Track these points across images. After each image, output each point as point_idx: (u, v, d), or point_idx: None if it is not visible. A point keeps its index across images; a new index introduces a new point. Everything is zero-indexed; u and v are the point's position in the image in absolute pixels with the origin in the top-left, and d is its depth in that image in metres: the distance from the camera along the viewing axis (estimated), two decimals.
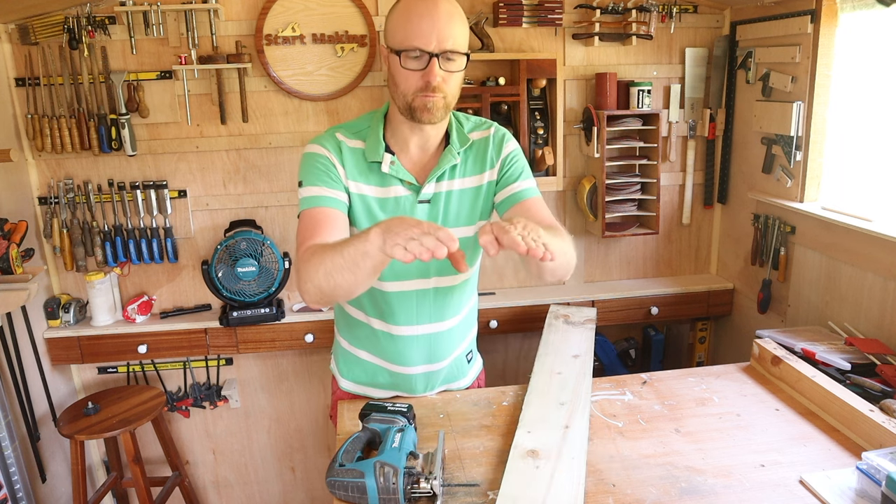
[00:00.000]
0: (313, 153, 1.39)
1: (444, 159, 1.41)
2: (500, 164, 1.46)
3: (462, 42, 1.30)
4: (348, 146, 1.40)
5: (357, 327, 1.54)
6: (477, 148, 1.46)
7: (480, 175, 1.46)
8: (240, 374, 2.69)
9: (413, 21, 1.26)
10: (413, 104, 1.31)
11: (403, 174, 1.39)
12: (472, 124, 1.49)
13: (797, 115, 2.18)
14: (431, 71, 1.27)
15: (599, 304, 2.59)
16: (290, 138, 2.46)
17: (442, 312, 1.50)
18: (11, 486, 2.07)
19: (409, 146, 1.42)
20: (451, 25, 1.27)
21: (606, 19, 2.46)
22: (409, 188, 1.41)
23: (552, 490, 1.16)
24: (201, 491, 2.82)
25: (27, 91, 2.25)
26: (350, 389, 1.60)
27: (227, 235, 2.44)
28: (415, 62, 1.28)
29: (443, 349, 1.54)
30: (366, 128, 1.43)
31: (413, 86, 1.29)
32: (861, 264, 1.97)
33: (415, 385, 1.55)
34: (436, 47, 1.26)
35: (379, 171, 1.39)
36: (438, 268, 1.45)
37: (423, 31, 1.25)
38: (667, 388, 1.60)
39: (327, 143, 1.40)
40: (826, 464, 1.28)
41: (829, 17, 2.08)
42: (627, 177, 2.55)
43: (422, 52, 1.26)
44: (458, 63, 1.30)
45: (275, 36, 2.34)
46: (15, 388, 2.21)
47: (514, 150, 1.48)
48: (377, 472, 1.13)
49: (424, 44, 1.26)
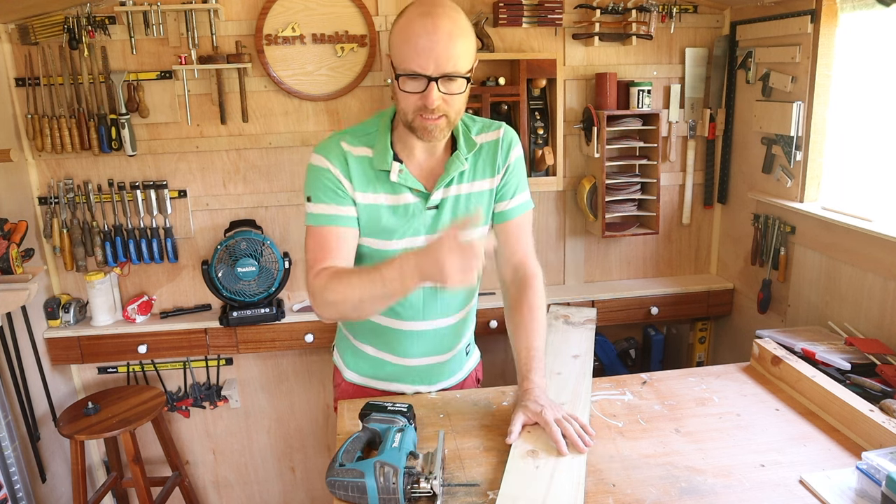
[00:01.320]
0: (319, 167, 1.37)
1: (451, 165, 1.39)
2: (505, 171, 1.47)
3: (464, 63, 1.25)
4: (354, 156, 1.37)
5: (362, 323, 1.56)
6: (486, 151, 1.45)
7: (491, 179, 1.46)
8: (240, 374, 2.69)
9: (412, 42, 1.21)
10: (413, 124, 1.29)
11: (412, 182, 1.38)
12: (480, 126, 1.47)
13: (797, 115, 2.18)
14: (429, 95, 1.23)
15: (599, 304, 2.59)
16: (290, 138, 2.46)
17: (448, 309, 1.52)
18: (11, 486, 2.07)
19: (416, 153, 1.41)
20: (451, 47, 1.21)
21: (606, 19, 2.46)
22: (417, 195, 1.40)
23: (552, 490, 1.16)
24: (201, 491, 2.82)
25: (27, 91, 2.25)
26: (354, 380, 1.62)
27: (227, 235, 2.44)
28: (413, 84, 1.24)
29: (447, 343, 1.57)
30: (373, 132, 1.40)
31: (413, 106, 1.27)
32: (861, 264, 1.97)
33: (417, 376, 1.58)
34: (434, 71, 1.22)
35: (388, 179, 1.38)
36: None
37: (421, 53, 1.21)
38: (667, 388, 1.60)
39: (332, 155, 1.37)
40: (826, 464, 1.28)
41: (829, 17, 2.08)
42: (627, 177, 2.55)
43: (420, 76, 1.23)
44: (459, 84, 1.26)
45: (275, 36, 2.34)
46: (15, 388, 2.21)
47: (518, 158, 1.49)
48: (377, 471, 1.13)
49: (422, 67, 1.22)
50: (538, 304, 1.47)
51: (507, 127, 1.49)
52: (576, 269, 2.75)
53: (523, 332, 1.43)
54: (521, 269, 1.52)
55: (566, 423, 1.31)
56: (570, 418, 1.33)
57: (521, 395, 1.38)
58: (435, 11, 1.23)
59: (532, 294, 1.47)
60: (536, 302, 1.46)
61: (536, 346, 1.41)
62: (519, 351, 1.43)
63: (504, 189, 1.48)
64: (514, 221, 1.50)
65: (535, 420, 1.32)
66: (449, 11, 1.24)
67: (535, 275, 1.51)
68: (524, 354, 1.41)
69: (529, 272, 1.51)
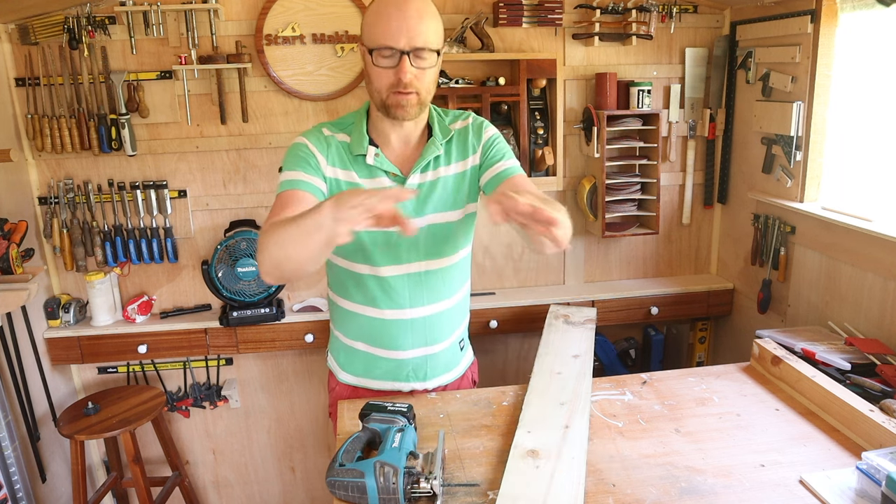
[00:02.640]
0: (296, 143, 1.45)
1: (427, 150, 1.45)
2: (482, 148, 1.50)
3: (434, 39, 1.33)
4: (336, 140, 1.46)
5: (351, 319, 1.57)
6: (458, 137, 1.51)
7: (464, 161, 1.50)
8: (240, 374, 2.69)
9: (384, 20, 1.30)
10: (387, 101, 1.35)
11: (388, 166, 1.44)
12: (452, 116, 1.54)
13: (797, 115, 2.18)
14: (402, 69, 1.31)
15: (599, 304, 2.59)
16: (290, 138, 2.46)
17: (435, 295, 1.53)
18: (11, 486, 2.07)
19: (391, 140, 1.46)
20: (421, 23, 1.30)
21: (606, 19, 2.46)
22: (394, 179, 1.45)
23: (552, 490, 1.16)
24: (201, 491, 2.82)
25: (27, 91, 2.25)
26: (349, 382, 1.62)
27: (227, 235, 2.44)
28: (386, 60, 1.32)
29: (438, 333, 1.57)
30: (350, 123, 1.48)
31: (386, 83, 1.34)
32: (861, 264, 1.97)
33: (411, 372, 1.57)
34: (406, 45, 1.30)
35: (364, 163, 1.44)
36: (427, 250, 1.49)
37: (393, 29, 1.29)
38: (667, 388, 1.60)
39: (311, 136, 1.45)
40: (826, 464, 1.28)
41: (829, 17, 2.08)
42: (627, 177, 2.55)
43: (393, 50, 1.30)
44: (430, 60, 1.34)
45: (275, 36, 2.34)
46: (15, 388, 2.21)
47: (494, 135, 1.52)
48: (377, 471, 1.14)
49: (395, 42, 1.30)
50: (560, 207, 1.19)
51: (475, 114, 1.56)
52: (576, 269, 2.75)
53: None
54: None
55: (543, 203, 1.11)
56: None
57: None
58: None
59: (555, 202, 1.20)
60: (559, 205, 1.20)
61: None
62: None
63: (488, 159, 1.49)
64: (516, 177, 1.44)
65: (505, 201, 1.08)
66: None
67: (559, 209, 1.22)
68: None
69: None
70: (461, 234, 1.54)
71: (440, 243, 1.50)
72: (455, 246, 1.54)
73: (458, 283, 1.59)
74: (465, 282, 1.63)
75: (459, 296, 1.60)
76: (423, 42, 1.31)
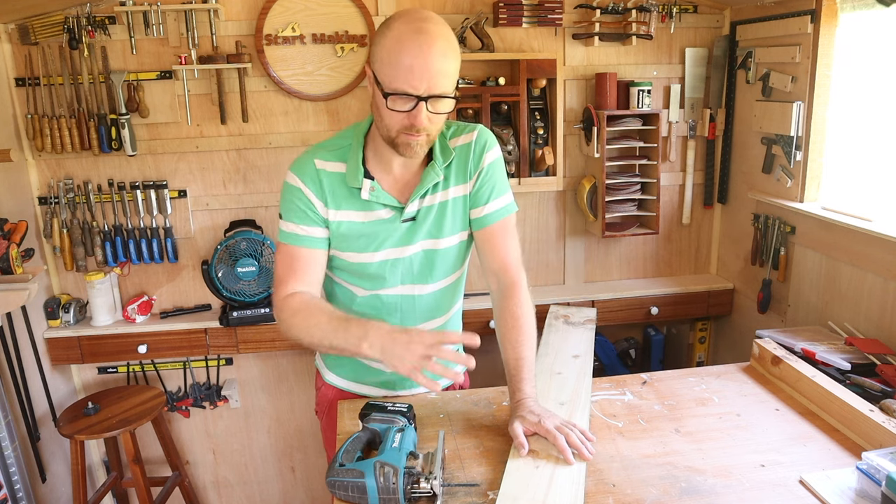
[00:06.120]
0: (292, 186, 1.37)
1: (427, 177, 1.38)
2: (477, 177, 1.43)
3: (452, 83, 1.24)
4: (328, 172, 1.37)
5: None
6: (459, 157, 1.42)
7: (464, 185, 1.44)
8: (240, 374, 2.69)
9: (404, 61, 1.19)
10: (396, 140, 1.28)
11: (385, 198, 1.37)
12: (455, 129, 1.45)
13: (797, 115, 2.18)
14: (418, 115, 1.22)
15: (599, 304, 2.59)
16: (290, 138, 2.46)
17: (427, 314, 1.51)
18: (11, 486, 2.07)
19: (393, 166, 1.39)
20: (444, 68, 1.21)
21: (606, 19, 2.46)
22: (392, 210, 1.39)
23: (552, 490, 1.16)
24: (201, 491, 2.82)
25: (27, 91, 2.25)
26: (336, 384, 1.60)
27: (227, 235, 2.44)
28: (402, 103, 1.22)
29: None
30: (346, 145, 1.39)
31: (398, 125, 1.25)
32: (861, 264, 1.97)
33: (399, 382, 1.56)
34: (425, 91, 1.20)
35: (360, 197, 1.37)
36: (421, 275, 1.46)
37: (413, 74, 1.19)
38: (667, 388, 1.60)
39: (306, 176, 1.36)
40: (826, 464, 1.28)
41: (829, 17, 2.08)
42: (627, 177, 2.55)
43: (410, 96, 1.21)
44: (447, 105, 1.25)
45: (275, 36, 2.34)
46: (15, 388, 2.21)
47: (493, 162, 1.44)
48: (377, 471, 1.13)
49: (413, 88, 1.20)
50: (521, 313, 1.42)
51: (482, 129, 1.45)
52: (576, 269, 2.75)
53: (509, 344, 1.40)
54: (502, 278, 1.45)
55: (568, 429, 1.28)
56: (569, 424, 1.30)
57: (514, 406, 1.35)
58: (427, 28, 1.20)
59: (514, 304, 1.42)
60: (518, 311, 1.41)
61: (524, 356, 1.38)
62: (507, 362, 1.40)
63: (478, 195, 1.44)
64: (490, 228, 1.45)
65: (535, 430, 1.29)
66: (441, 29, 1.23)
67: (515, 283, 1.44)
68: (512, 365, 1.38)
69: (510, 281, 1.44)
70: (457, 258, 1.49)
71: (435, 268, 1.46)
72: (450, 269, 1.49)
73: (451, 302, 1.56)
74: (458, 299, 1.59)
75: (452, 312, 1.58)
76: (442, 89, 1.22)
